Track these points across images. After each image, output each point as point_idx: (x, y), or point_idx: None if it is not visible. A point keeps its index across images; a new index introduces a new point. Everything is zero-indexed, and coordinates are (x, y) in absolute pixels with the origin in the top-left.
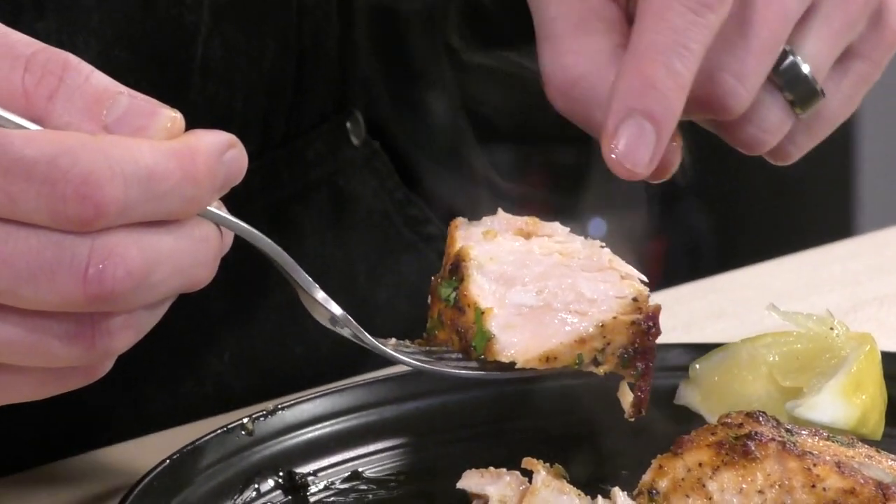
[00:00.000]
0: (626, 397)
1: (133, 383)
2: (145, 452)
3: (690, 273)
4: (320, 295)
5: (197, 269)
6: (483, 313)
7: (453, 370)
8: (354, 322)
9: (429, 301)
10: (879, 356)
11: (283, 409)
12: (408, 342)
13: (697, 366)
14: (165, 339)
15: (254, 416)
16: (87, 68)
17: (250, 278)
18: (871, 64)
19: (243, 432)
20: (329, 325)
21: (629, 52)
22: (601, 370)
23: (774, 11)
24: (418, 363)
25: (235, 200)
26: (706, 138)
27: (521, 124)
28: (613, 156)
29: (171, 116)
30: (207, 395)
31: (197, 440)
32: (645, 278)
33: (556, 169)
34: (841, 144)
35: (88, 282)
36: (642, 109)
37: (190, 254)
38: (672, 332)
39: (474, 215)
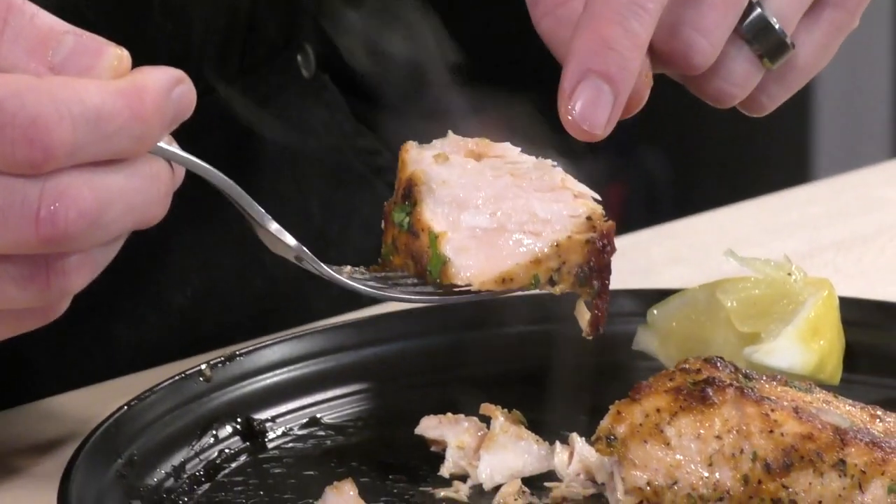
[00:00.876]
0: (584, 316)
1: (99, 322)
2: (104, 398)
3: (648, 219)
4: (274, 227)
5: (149, 206)
6: (437, 237)
7: (409, 296)
8: (309, 252)
9: (382, 226)
10: (837, 301)
11: (240, 355)
12: (363, 269)
13: (655, 311)
14: (130, 275)
15: (212, 362)
16: (31, 8)
17: (211, 211)
18: (843, 11)
19: (201, 378)
20: (284, 256)
21: (585, 12)
22: (557, 290)
23: None
24: (374, 290)
25: (190, 136)
26: (665, 84)
27: (481, 66)
28: (570, 117)
29: (118, 54)
30: (172, 332)
31: (154, 386)
32: (598, 196)
33: (514, 115)
34: (798, 90)
35: (41, 224)
36: (599, 70)
37: (141, 191)
38: (630, 277)
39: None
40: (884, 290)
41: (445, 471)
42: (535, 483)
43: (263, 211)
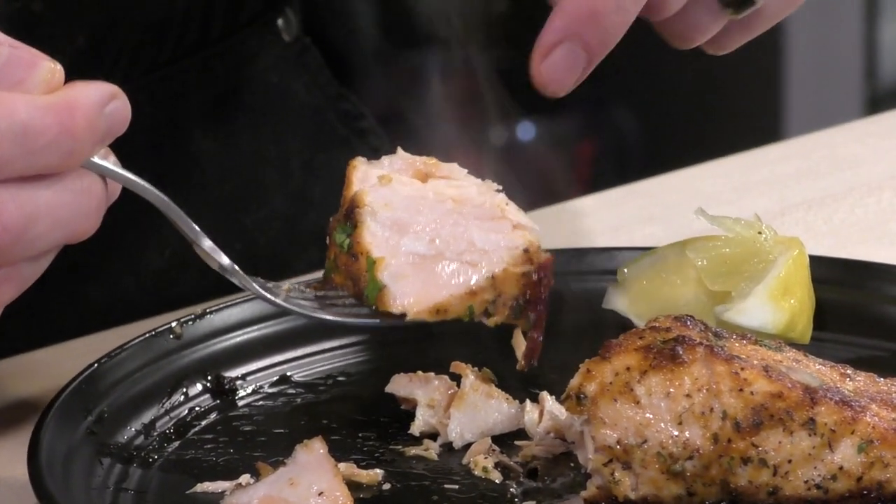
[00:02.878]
0: (519, 346)
1: (74, 282)
2: (75, 355)
3: (619, 177)
4: (207, 244)
5: (78, 220)
6: (375, 263)
7: (342, 318)
8: (241, 272)
9: (327, 242)
10: (807, 260)
11: (211, 312)
12: (303, 286)
13: (626, 270)
14: (106, 236)
15: (182, 319)
16: None
17: (190, 174)
18: None
19: (171, 336)
20: (218, 271)
21: None
22: (492, 322)
23: None
24: (306, 311)
25: (172, 99)
26: (636, 43)
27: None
28: (540, 72)
29: (51, 68)
30: (148, 294)
31: (125, 344)
32: (536, 227)
33: (487, 72)
34: (769, 48)
35: None
36: (582, 38)
37: (70, 207)
38: (600, 236)
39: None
40: (854, 249)
41: (416, 429)
42: (505, 441)
43: (198, 228)
